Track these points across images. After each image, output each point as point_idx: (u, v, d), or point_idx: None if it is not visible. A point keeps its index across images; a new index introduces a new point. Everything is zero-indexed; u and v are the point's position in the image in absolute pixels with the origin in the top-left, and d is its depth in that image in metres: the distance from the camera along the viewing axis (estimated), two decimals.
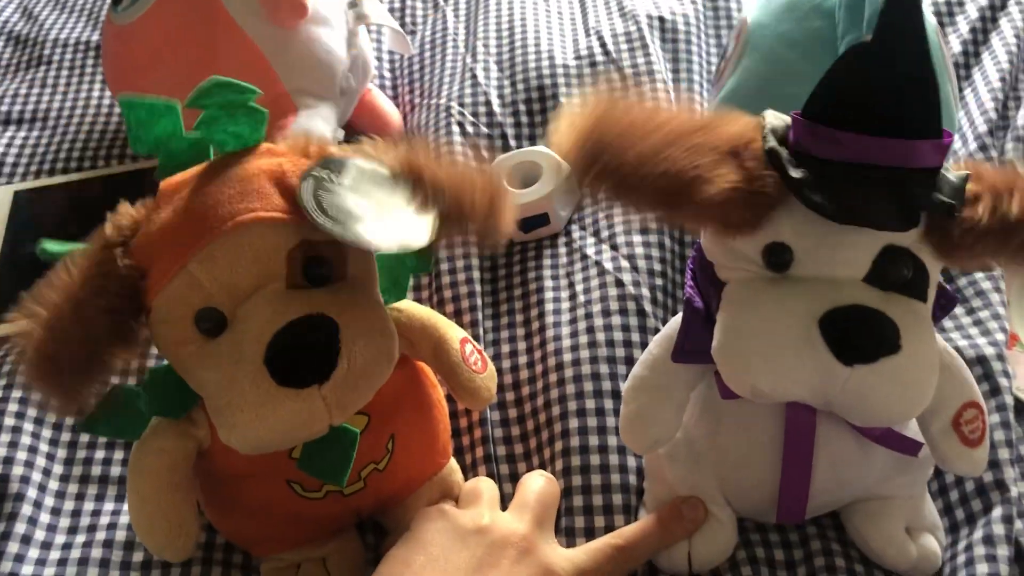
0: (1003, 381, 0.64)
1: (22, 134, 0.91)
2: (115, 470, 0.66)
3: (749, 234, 0.50)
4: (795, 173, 0.48)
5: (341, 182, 0.51)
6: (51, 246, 0.52)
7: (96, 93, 0.95)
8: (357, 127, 0.88)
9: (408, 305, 0.60)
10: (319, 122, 0.80)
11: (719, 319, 0.51)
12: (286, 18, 0.78)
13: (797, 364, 0.48)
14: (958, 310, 0.70)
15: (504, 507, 0.59)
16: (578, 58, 0.89)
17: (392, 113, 0.89)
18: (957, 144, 0.81)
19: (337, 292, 0.51)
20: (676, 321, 0.57)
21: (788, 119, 0.51)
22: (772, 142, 0.49)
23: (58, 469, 0.65)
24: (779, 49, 0.71)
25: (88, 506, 0.64)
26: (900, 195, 0.48)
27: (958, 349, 0.66)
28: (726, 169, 0.48)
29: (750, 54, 0.73)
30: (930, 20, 0.71)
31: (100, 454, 0.66)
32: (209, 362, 0.49)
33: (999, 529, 0.57)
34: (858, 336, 0.48)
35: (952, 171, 0.50)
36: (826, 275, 0.50)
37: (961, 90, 0.86)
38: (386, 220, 0.49)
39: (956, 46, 0.89)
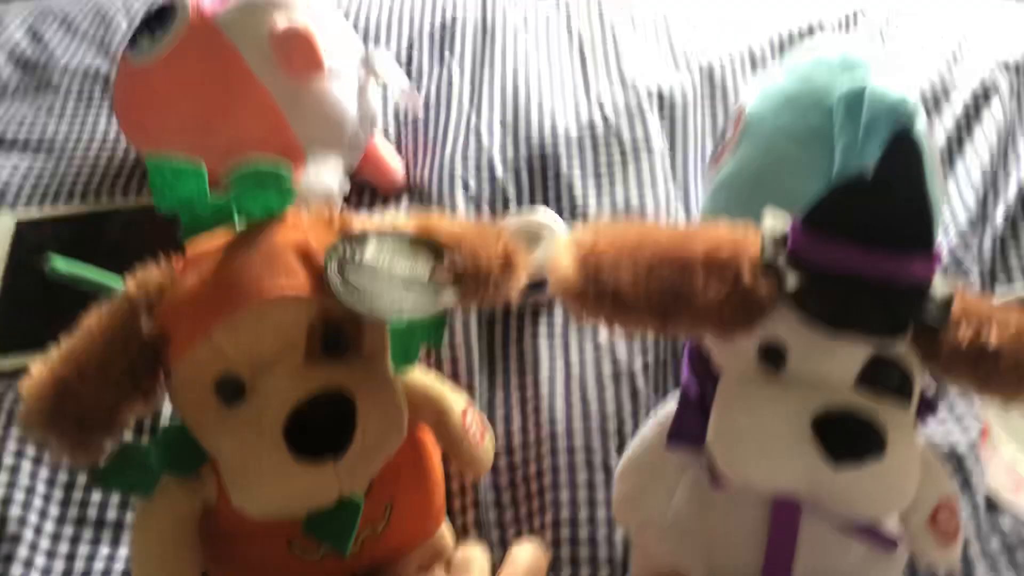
0: (975, 478, 0.67)
1: (26, 161, 0.91)
2: (111, 513, 0.67)
3: (744, 335, 0.53)
4: (791, 283, 0.51)
5: (364, 257, 0.53)
6: (61, 265, 0.53)
7: (103, 124, 0.96)
8: (361, 177, 0.90)
9: (413, 373, 0.62)
10: (328, 174, 0.81)
11: (714, 411, 0.54)
12: (302, 72, 0.79)
13: (790, 461, 0.51)
14: None
15: (493, 574, 0.61)
16: (579, 126, 0.92)
17: (395, 165, 0.91)
18: (940, 234, 0.84)
19: (353, 365, 0.52)
20: (671, 404, 0.59)
21: (786, 221, 0.54)
22: (769, 252, 0.52)
23: (54, 511, 0.66)
24: (777, 141, 0.74)
25: (83, 549, 0.65)
26: (891, 306, 0.51)
27: (934, 442, 0.69)
28: (716, 280, 0.51)
29: (748, 142, 0.76)
30: (920, 121, 0.74)
31: (96, 497, 0.67)
32: (227, 429, 0.50)
33: None
34: (849, 439, 0.50)
35: (939, 286, 0.53)
36: (819, 375, 0.52)
37: (945, 175, 0.89)
38: (409, 291, 0.51)
39: (940, 137, 0.92)
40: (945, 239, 0.84)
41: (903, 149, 0.48)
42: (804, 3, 1.13)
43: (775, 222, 0.54)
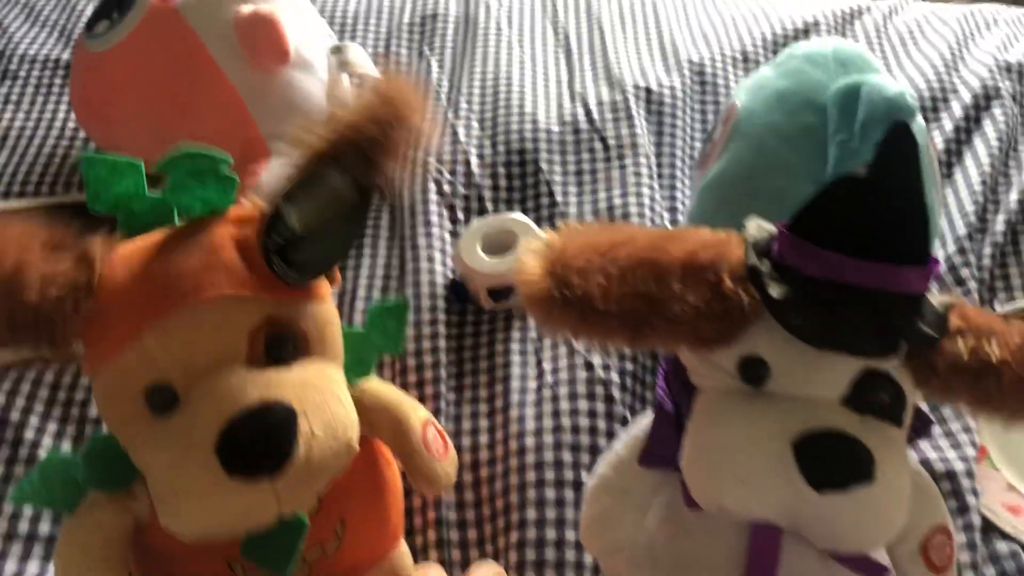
0: (971, 499, 0.63)
1: None
2: (43, 527, 0.63)
3: (723, 348, 0.49)
4: (775, 292, 0.47)
5: (296, 228, 0.48)
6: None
7: (62, 115, 0.92)
8: None
9: (370, 382, 0.58)
10: None
11: (689, 430, 0.50)
12: (267, 62, 0.75)
13: (767, 486, 0.47)
14: None
15: None
16: (562, 124, 0.88)
17: None
18: (935, 245, 0.80)
19: (299, 374, 0.48)
20: (644, 420, 0.55)
21: (772, 230, 0.50)
22: (753, 259, 0.48)
23: None
24: (768, 139, 0.70)
25: (10, 566, 0.61)
26: (882, 320, 0.47)
27: (928, 462, 0.65)
28: (695, 286, 0.47)
29: (738, 140, 0.72)
30: (919, 121, 0.70)
31: (29, 510, 0.63)
32: (156, 443, 0.46)
33: None
34: (832, 463, 0.46)
35: (936, 297, 0.49)
36: (803, 394, 0.48)
37: (943, 187, 0.85)
38: (348, 223, 0.49)
39: (939, 143, 0.89)
40: (942, 250, 0.80)
41: (899, 142, 0.44)
42: (799, 2, 1.09)
43: (758, 232, 0.50)
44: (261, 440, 0.45)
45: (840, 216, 0.46)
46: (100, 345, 0.47)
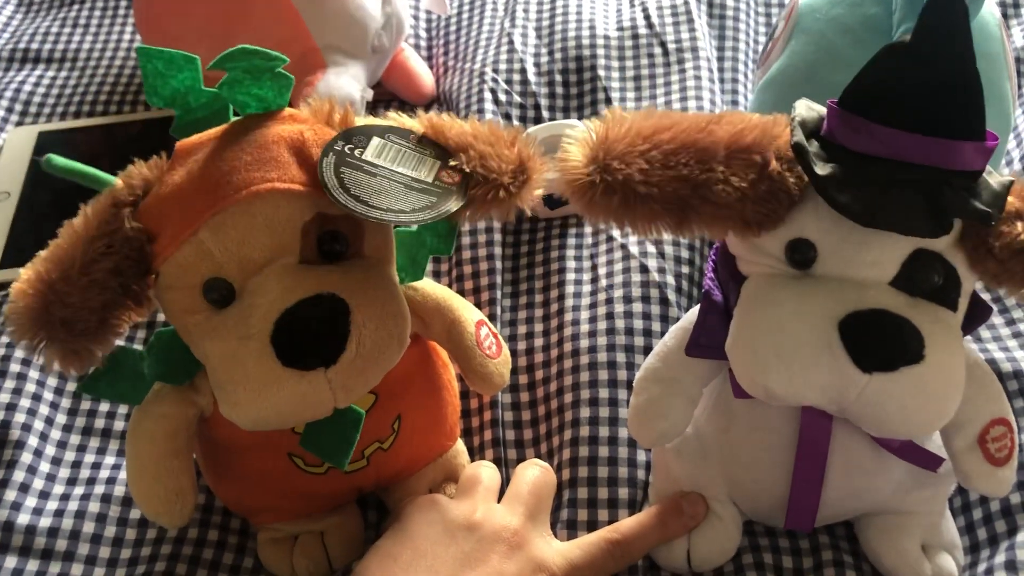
0: None
1: (50, 74, 0.90)
2: (118, 424, 0.65)
3: (771, 230, 0.48)
4: (821, 170, 0.45)
5: (364, 156, 0.49)
6: (58, 160, 0.50)
7: (127, 36, 0.93)
8: (388, 87, 0.86)
9: (424, 284, 0.58)
10: (348, 80, 0.78)
11: (735, 314, 0.49)
12: None
13: (813, 367, 0.46)
14: (996, 320, 0.67)
15: (502, 494, 0.58)
16: (620, 29, 0.86)
17: (424, 75, 0.87)
18: (1011, 145, 0.77)
19: (351, 270, 0.49)
20: (694, 313, 0.55)
21: (822, 110, 0.49)
22: (799, 136, 0.46)
23: (61, 419, 0.65)
24: (829, 34, 0.68)
25: (89, 458, 0.64)
26: (934, 198, 0.45)
27: (994, 361, 0.63)
28: (739, 168, 0.46)
29: (799, 36, 0.70)
30: (993, 13, 0.67)
31: (104, 407, 0.66)
32: (215, 334, 0.48)
33: (1023, 555, 0.55)
34: (878, 342, 0.45)
35: (995, 176, 0.47)
36: (851, 276, 0.47)
37: (1021, 87, 0.82)
38: (410, 196, 0.48)
39: (1019, 40, 0.85)
40: (1018, 148, 0.77)
41: (943, 4, 0.42)
42: None
43: (806, 112, 0.49)
44: (314, 331, 0.46)
45: (887, 87, 0.45)
46: (160, 242, 0.48)
